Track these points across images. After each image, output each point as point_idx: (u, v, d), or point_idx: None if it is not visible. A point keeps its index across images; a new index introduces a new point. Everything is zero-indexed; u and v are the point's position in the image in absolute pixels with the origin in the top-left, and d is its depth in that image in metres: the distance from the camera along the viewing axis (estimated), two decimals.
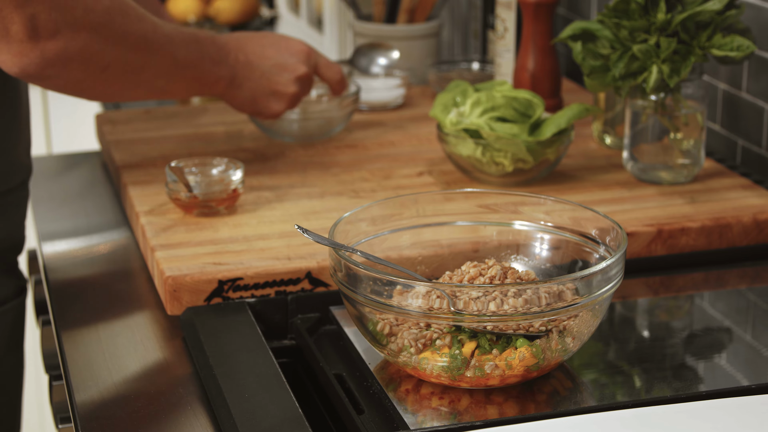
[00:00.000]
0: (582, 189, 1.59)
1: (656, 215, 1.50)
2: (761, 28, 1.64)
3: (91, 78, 1.44)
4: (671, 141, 1.59)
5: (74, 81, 1.43)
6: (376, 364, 1.22)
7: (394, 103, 1.96)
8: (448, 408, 1.15)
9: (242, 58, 1.62)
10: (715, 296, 1.44)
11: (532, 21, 1.83)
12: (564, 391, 1.18)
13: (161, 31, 1.50)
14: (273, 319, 1.35)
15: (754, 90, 1.68)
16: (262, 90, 1.65)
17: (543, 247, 1.32)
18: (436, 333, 1.16)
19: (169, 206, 1.53)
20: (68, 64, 1.40)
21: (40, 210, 1.67)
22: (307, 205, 1.54)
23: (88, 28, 1.40)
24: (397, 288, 1.17)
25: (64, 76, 1.41)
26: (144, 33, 1.47)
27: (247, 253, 1.39)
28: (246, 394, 1.15)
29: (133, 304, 1.40)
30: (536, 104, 1.59)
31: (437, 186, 1.61)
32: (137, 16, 1.46)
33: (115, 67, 1.45)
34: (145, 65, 1.48)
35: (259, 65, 1.64)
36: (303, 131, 1.78)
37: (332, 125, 1.79)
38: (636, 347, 1.30)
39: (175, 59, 1.52)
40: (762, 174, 1.68)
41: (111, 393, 1.21)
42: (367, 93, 1.94)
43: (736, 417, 1.06)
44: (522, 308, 1.13)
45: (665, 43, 1.52)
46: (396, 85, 1.97)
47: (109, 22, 1.42)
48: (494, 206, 1.33)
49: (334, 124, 1.79)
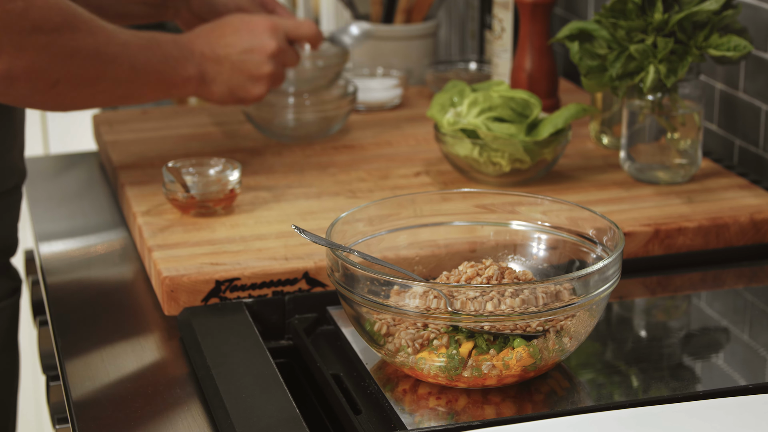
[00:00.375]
0: (579, 189, 1.59)
1: (653, 215, 1.50)
2: (758, 28, 1.64)
3: (40, 94, 1.42)
4: (668, 141, 1.59)
5: (21, 97, 1.41)
6: (373, 364, 1.22)
7: (391, 104, 1.96)
8: (446, 408, 1.15)
9: (208, 53, 1.59)
10: (713, 296, 1.44)
11: (529, 21, 1.83)
12: (561, 391, 1.18)
13: (116, 41, 1.47)
14: (270, 319, 1.35)
15: (751, 90, 1.68)
16: (237, 79, 1.61)
17: (540, 247, 1.32)
18: (434, 333, 1.16)
19: (167, 206, 1.53)
20: (14, 82, 1.38)
21: (38, 210, 1.67)
22: (304, 205, 1.54)
23: (34, 47, 1.38)
24: (394, 288, 1.17)
25: (11, 93, 1.40)
26: (96, 46, 1.44)
27: (244, 254, 1.39)
28: (243, 394, 1.15)
29: (131, 305, 1.40)
30: (533, 104, 1.59)
31: (434, 186, 1.61)
32: (89, 30, 1.43)
33: (65, 83, 1.43)
34: (100, 77, 1.46)
35: (227, 55, 1.60)
36: (300, 131, 1.78)
37: (329, 124, 1.79)
38: (633, 347, 1.30)
39: (133, 66, 1.49)
40: (759, 174, 1.68)
41: (108, 393, 1.21)
42: (364, 93, 1.94)
43: (733, 417, 1.06)
44: (519, 308, 1.13)
45: (662, 43, 1.52)
46: (393, 85, 1.97)
47: (56, 40, 1.39)
48: (491, 206, 1.33)
49: (332, 123, 1.79)
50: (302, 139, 1.78)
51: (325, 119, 1.78)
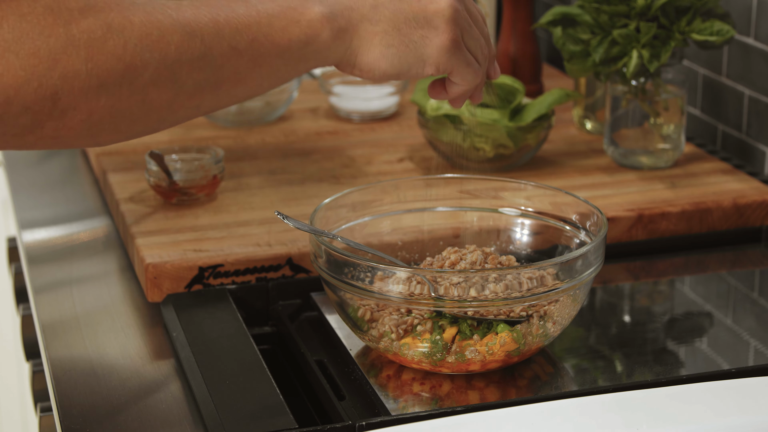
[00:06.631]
0: (563, 174, 1.59)
1: (637, 200, 1.50)
2: (741, 12, 1.64)
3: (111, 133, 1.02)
4: (651, 126, 1.59)
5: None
6: (357, 350, 1.22)
7: (387, 112, 1.85)
8: (429, 393, 1.15)
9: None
10: (696, 281, 1.44)
11: (513, 6, 1.83)
12: (545, 376, 1.19)
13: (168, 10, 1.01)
14: (254, 305, 1.34)
15: (734, 75, 1.68)
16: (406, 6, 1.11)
17: (524, 232, 1.32)
18: (417, 319, 1.16)
19: (150, 193, 1.52)
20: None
21: (20, 198, 1.67)
22: (287, 191, 1.54)
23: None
24: (377, 274, 1.17)
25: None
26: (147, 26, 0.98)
27: (227, 240, 1.39)
28: (227, 380, 1.15)
29: (114, 292, 1.39)
30: (517, 90, 1.59)
31: (418, 172, 1.61)
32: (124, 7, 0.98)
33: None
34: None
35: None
36: (241, 116, 1.77)
37: (273, 109, 1.78)
38: (617, 332, 1.30)
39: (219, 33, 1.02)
40: (742, 158, 1.68)
41: (91, 381, 1.21)
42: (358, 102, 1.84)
43: (717, 400, 1.07)
44: (503, 293, 1.13)
45: (645, 28, 1.52)
46: (389, 93, 1.87)
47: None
48: (475, 192, 1.33)
49: (275, 108, 1.78)
50: (245, 123, 1.78)
51: (268, 104, 1.77)
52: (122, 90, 0.96)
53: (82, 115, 0.96)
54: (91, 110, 0.96)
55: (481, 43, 1.14)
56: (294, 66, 1.06)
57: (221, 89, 1.03)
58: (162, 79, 0.98)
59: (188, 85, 1.00)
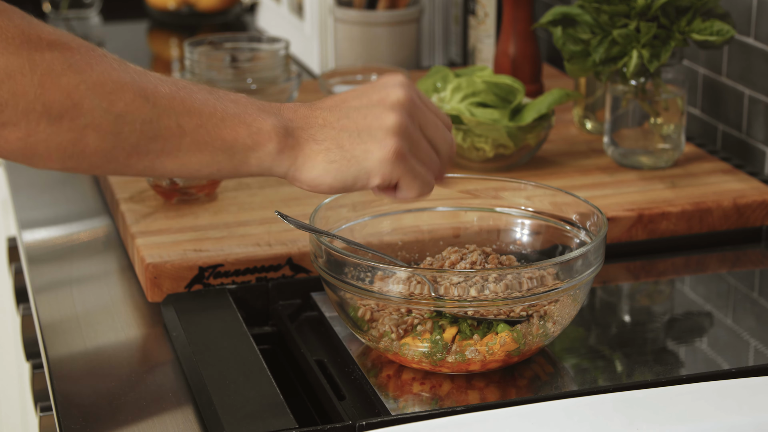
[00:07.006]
0: (563, 174, 1.59)
1: (637, 200, 1.50)
2: (741, 12, 1.64)
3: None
4: (651, 126, 1.59)
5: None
6: (357, 350, 1.22)
7: None
8: (429, 393, 1.15)
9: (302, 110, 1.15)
10: (696, 280, 1.44)
11: (513, 6, 1.83)
12: (545, 376, 1.19)
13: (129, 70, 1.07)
14: (254, 305, 1.34)
15: (734, 74, 1.68)
16: (360, 114, 1.14)
17: (524, 232, 1.32)
18: (417, 319, 1.16)
19: (150, 193, 1.52)
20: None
21: (20, 198, 1.67)
22: (287, 191, 1.54)
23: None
24: (378, 274, 1.17)
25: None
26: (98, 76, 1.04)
27: (227, 240, 1.39)
28: (227, 380, 1.15)
29: (114, 292, 1.39)
30: (517, 89, 1.59)
31: None
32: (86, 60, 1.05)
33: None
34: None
35: (335, 106, 1.16)
36: None
37: None
38: (617, 332, 1.30)
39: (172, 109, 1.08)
40: (742, 158, 1.68)
41: (91, 380, 1.21)
42: None
43: (716, 401, 1.07)
44: (503, 293, 1.13)
45: (645, 28, 1.52)
46: None
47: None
48: (475, 192, 1.33)
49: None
50: None
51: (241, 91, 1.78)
52: (62, 124, 1.02)
53: (20, 133, 1.01)
54: (29, 132, 1.01)
55: (429, 155, 1.16)
56: (236, 165, 1.11)
57: (158, 159, 1.08)
58: (103, 127, 1.04)
59: (128, 142, 1.05)
